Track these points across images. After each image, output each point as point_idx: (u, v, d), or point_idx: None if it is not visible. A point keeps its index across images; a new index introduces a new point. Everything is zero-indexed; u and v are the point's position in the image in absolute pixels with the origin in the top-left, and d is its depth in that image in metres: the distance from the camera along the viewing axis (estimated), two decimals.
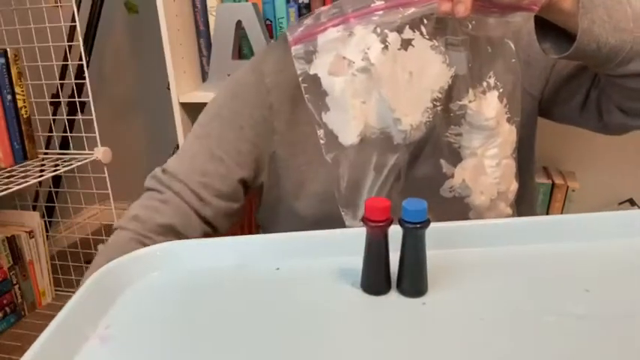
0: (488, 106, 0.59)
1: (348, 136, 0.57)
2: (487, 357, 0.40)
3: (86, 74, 1.52)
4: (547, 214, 1.46)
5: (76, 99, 1.61)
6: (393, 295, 0.49)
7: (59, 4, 1.51)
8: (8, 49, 1.40)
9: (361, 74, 0.55)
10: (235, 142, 0.76)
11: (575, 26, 0.59)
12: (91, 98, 1.50)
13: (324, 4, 1.50)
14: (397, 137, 0.58)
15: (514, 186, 0.64)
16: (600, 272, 0.51)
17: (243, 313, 0.48)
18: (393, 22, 0.54)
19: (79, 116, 1.59)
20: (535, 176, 0.85)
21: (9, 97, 1.41)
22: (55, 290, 1.65)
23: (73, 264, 1.72)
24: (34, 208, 1.88)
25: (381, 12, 0.53)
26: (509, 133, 0.61)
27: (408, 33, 0.55)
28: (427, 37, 0.56)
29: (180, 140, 1.54)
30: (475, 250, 0.56)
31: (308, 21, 0.55)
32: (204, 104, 1.55)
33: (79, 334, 0.45)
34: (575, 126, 0.80)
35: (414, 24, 0.56)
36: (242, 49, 1.54)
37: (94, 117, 1.51)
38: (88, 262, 1.81)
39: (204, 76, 1.62)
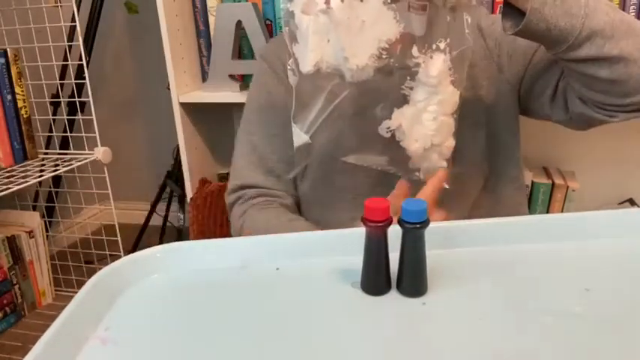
0: (433, 66, 0.68)
1: (306, 65, 0.67)
2: (487, 357, 0.40)
3: (86, 74, 1.52)
4: (547, 213, 1.46)
5: (76, 99, 1.61)
6: (393, 295, 0.49)
7: (59, 4, 1.51)
8: (8, 49, 1.40)
9: (322, 15, 0.65)
10: (275, 119, 0.90)
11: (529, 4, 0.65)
12: (91, 98, 1.50)
13: None
14: (347, 75, 0.67)
15: (450, 142, 0.72)
16: (600, 272, 0.51)
17: (243, 313, 0.48)
18: None
19: (79, 116, 1.59)
20: (521, 162, 0.93)
21: (9, 97, 1.40)
22: (55, 290, 1.65)
23: (73, 264, 1.71)
24: (34, 208, 1.88)
25: None
26: (451, 94, 0.70)
27: None
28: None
29: (181, 140, 1.54)
30: (475, 250, 0.56)
31: None
32: (204, 104, 1.55)
33: (80, 335, 0.45)
34: (549, 120, 0.86)
35: None
36: (242, 49, 1.54)
37: (94, 117, 1.51)
38: (88, 262, 1.82)
39: (204, 76, 1.62)
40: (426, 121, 0.70)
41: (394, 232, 0.47)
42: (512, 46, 0.84)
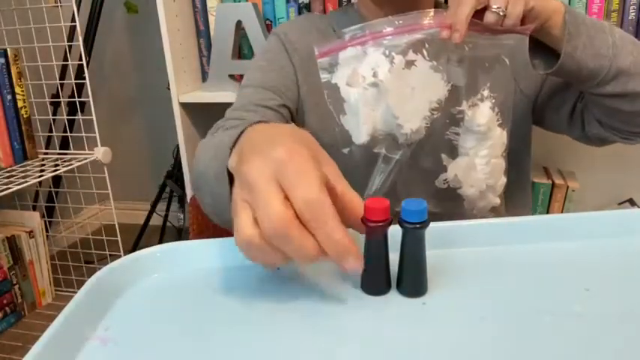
0: (481, 114, 0.70)
1: (360, 137, 0.68)
2: (487, 357, 0.40)
3: (86, 74, 1.52)
4: (547, 213, 1.46)
5: (76, 99, 1.61)
6: (393, 295, 0.49)
7: (59, 4, 1.51)
8: (8, 49, 1.40)
9: (371, 88, 0.66)
10: (281, 79, 0.85)
11: (562, 49, 0.68)
12: (91, 98, 1.50)
13: (323, 4, 1.50)
14: (400, 138, 0.68)
15: (502, 180, 0.74)
16: (600, 272, 0.51)
17: (243, 313, 0.48)
18: (399, 45, 0.66)
19: (79, 116, 1.59)
20: (530, 169, 0.98)
21: (9, 97, 1.41)
22: (55, 290, 1.65)
23: (73, 264, 1.72)
24: (34, 208, 1.88)
25: (390, 37, 0.66)
26: (499, 137, 0.71)
27: (411, 55, 0.67)
28: (428, 58, 0.67)
29: (181, 140, 1.55)
30: (475, 250, 0.56)
31: (337, 41, 0.68)
32: (204, 104, 1.55)
33: (79, 336, 0.45)
34: (562, 134, 0.90)
35: (417, 47, 0.67)
36: (242, 49, 1.54)
37: (94, 117, 1.51)
38: (88, 262, 1.82)
39: (204, 76, 1.62)
40: (479, 167, 0.72)
41: (394, 232, 0.47)
42: (525, 55, 0.85)
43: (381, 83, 0.65)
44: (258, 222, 0.41)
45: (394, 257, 0.48)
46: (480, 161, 0.71)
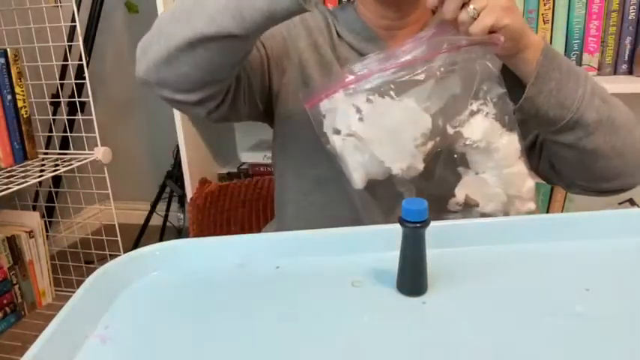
0: (473, 131, 0.65)
1: (355, 183, 0.66)
2: (487, 356, 0.40)
3: (86, 74, 1.52)
4: (547, 213, 1.46)
5: (76, 99, 1.61)
6: (393, 294, 0.49)
7: (59, 4, 1.51)
8: (8, 49, 1.40)
9: (350, 138, 0.65)
10: (272, 38, 0.80)
11: (528, 82, 0.66)
12: (91, 98, 1.50)
13: (324, 4, 1.50)
14: (397, 176, 0.66)
15: (528, 185, 0.68)
16: (600, 271, 0.51)
17: (242, 311, 0.48)
18: (365, 89, 0.64)
19: (79, 116, 1.59)
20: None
21: (9, 97, 1.41)
22: (55, 290, 1.65)
23: (73, 264, 1.71)
24: (34, 208, 1.88)
25: (354, 84, 0.64)
26: (508, 145, 0.66)
27: (378, 99, 0.64)
28: (397, 98, 0.64)
29: (181, 140, 1.54)
30: (475, 249, 0.56)
31: (319, 86, 0.68)
32: None
33: (79, 333, 0.45)
34: None
35: (384, 90, 0.64)
36: None
37: (94, 117, 1.51)
38: (88, 262, 1.82)
39: None
40: (490, 181, 0.67)
41: (394, 232, 0.47)
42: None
43: (356, 134, 0.64)
44: None
45: (394, 256, 0.48)
46: (488, 176, 0.67)
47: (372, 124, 0.64)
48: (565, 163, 0.76)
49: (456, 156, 0.68)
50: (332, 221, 0.76)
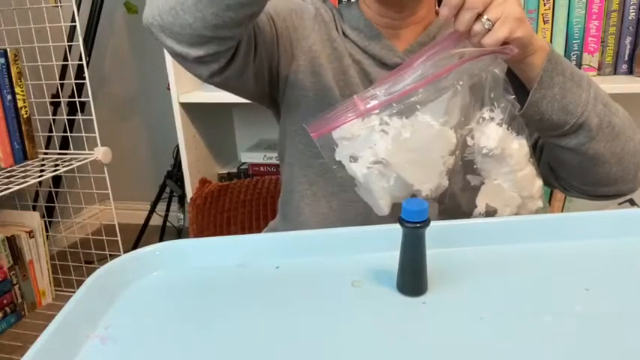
0: (489, 138, 0.65)
1: (381, 210, 0.64)
2: (487, 356, 0.40)
3: (86, 74, 1.52)
4: (547, 213, 1.46)
5: (76, 99, 1.61)
6: (393, 294, 0.49)
7: (59, 4, 1.51)
8: (8, 49, 1.40)
9: (376, 165, 0.63)
10: (285, 13, 0.80)
11: (533, 87, 0.66)
12: (91, 98, 1.50)
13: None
14: (423, 196, 0.65)
15: (537, 185, 0.69)
16: (600, 271, 0.51)
17: (243, 311, 0.48)
18: (384, 113, 0.62)
19: (79, 116, 1.59)
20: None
21: (9, 97, 1.41)
22: (55, 290, 1.65)
23: (73, 264, 1.71)
24: (34, 208, 1.88)
25: (377, 110, 0.62)
26: (519, 149, 0.67)
27: (399, 124, 0.62)
28: (415, 116, 0.63)
29: (181, 140, 1.55)
30: (475, 249, 0.56)
31: (326, 115, 0.63)
32: (204, 104, 1.55)
33: (79, 334, 0.45)
34: None
35: (402, 112, 0.63)
36: None
37: (94, 117, 1.51)
38: (88, 262, 1.82)
39: None
40: (505, 186, 0.67)
41: (394, 232, 0.47)
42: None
43: (384, 160, 0.62)
44: None
45: (394, 256, 0.48)
46: (503, 181, 0.67)
47: (398, 148, 0.62)
48: (565, 167, 0.76)
49: (476, 166, 0.67)
50: (337, 212, 0.75)
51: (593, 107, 0.68)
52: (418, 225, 0.46)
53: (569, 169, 0.76)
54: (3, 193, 1.26)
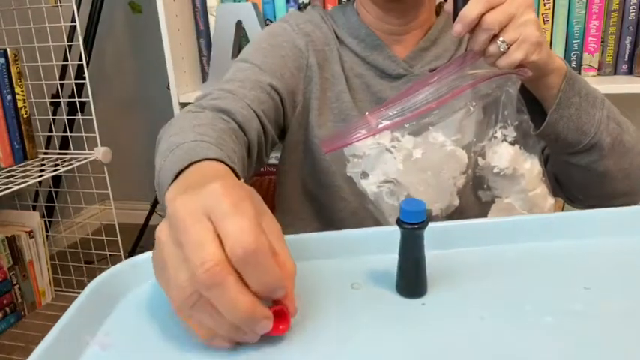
0: (500, 158, 0.65)
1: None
2: (487, 356, 0.40)
3: (86, 74, 1.52)
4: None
5: (76, 99, 1.61)
6: (393, 296, 0.49)
7: (59, 4, 1.51)
8: (8, 49, 1.40)
9: (386, 184, 0.62)
10: (278, 68, 0.78)
11: (548, 109, 0.67)
12: (91, 98, 1.50)
13: (323, 4, 1.50)
14: (435, 213, 0.65)
15: (549, 204, 0.68)
16: (600, 270, 0.51)
17: None
18: (404, 131, 0.61)
19: (79, 116, 1.59)
20: None
21: (9, 97, 1.41)
22: (55, 290, 1.65)
23: (73, 264, 1.72)
24: (34, 208, 1.88)
25: (388, 130, 0.61)
26: (531, 169, 0.66)
27: (411, 143, 0.62)
28: (427, 134, 0.63)
29: None
30: (475, 250, 0.56)
31: (339, 131, 0.65)
32: None
33: (79, 341, 0.45)
34: None
35: (415, 132, 0.62)
36: (242, 49, 1.54)
37: (94, 117, 1.51)
38: (88, 262, 1.82)
39: (204, 76, 1.62)
40: (516, 205, 0.67)
41: (394, 234, 0.47)
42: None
43: (395, 180, 0.62)
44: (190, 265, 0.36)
45: (394, 257, 0.48)
46: (515, 201, 0.67)
47: (409, 168, 0.62)
48: (572, 182, 0.76)
49: (485, 186, 0.67)
50: (331, 198, 0.75)
51: (605, 127, 0.68)
52: (416, 226, 0.46)
53: (576, 184, 0.76)
54: (3, 193, 1.26)
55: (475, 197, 0.68)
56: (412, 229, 0.46)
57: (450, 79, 0.62)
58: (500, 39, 0.59)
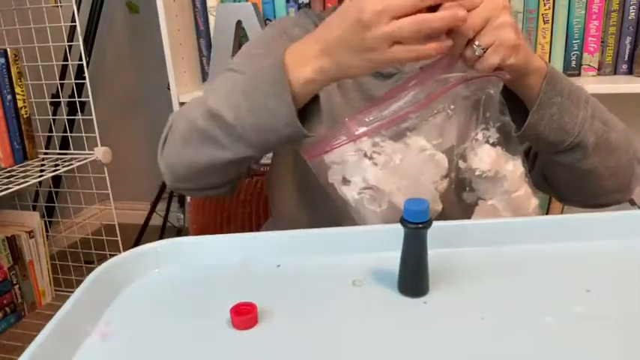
0: (481, 161, 0.65)
1: None
2: (488, 356, 0.40)
3: (86, 74, 1.52)
4: (547, 214, 1.46)
5: (76, 99, 1.61)
6: (394, 294, 0.49)
7: (59, 4, 1.51)
8: (8, 49, 1.40)
9: (367, 191, 0.62)
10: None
11: (530, 109, 0.66)
12: (91, 98, 1.50)
13: (323, 4, 1.50)
14: None
15: (533, 205, 0.68)
16: (601, 272, 0.51)
17: None
18: (376, 137, 0.62)
19: (79, 116, 1.59)
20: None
21: (9, 97, 1.40)
22: (55, 290, 1.65)
23: (73, 264, 1.71)
24: (34, 208, 1.88)
25: (366, 137, 0.61)
26: (513, 171, 0.66)
27: (391, 148, 0.62)
28: (408, 139, 0.62)
29: None
30: (476, 250, 0.56)
31: (320, 138, 0.64)
32: None
33: (80, 330, 0.45)
34: None
35: (395, 137, 0.62)
36: None
37: (94, 117, 1.51)
38: (88, 262, 1.82)
39: (204, 76, 1.62)
40: (500, 206, 0.66)
41: (396, 232, 0.47)
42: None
43: (374, 187, 0.62)
44: None
45: (395, 257, 0.48)
46: (497, 203, 0.66)
47: (389, 173, 0.61)
48: (558, 180, 0.76)
49: (468, 189, 0.67)
50: (325, 201, 0.75)
51: (590, 125, 0.67)
52: (420, 225, 0.46)
53: (563, 182, 0.76)
54: (3, 193, 1.26)
55: (459, 199, 0.68)
56: (416, 228, 0.46)
57: (429, 83, 0.62)
58: (476, 43, 0.58)
